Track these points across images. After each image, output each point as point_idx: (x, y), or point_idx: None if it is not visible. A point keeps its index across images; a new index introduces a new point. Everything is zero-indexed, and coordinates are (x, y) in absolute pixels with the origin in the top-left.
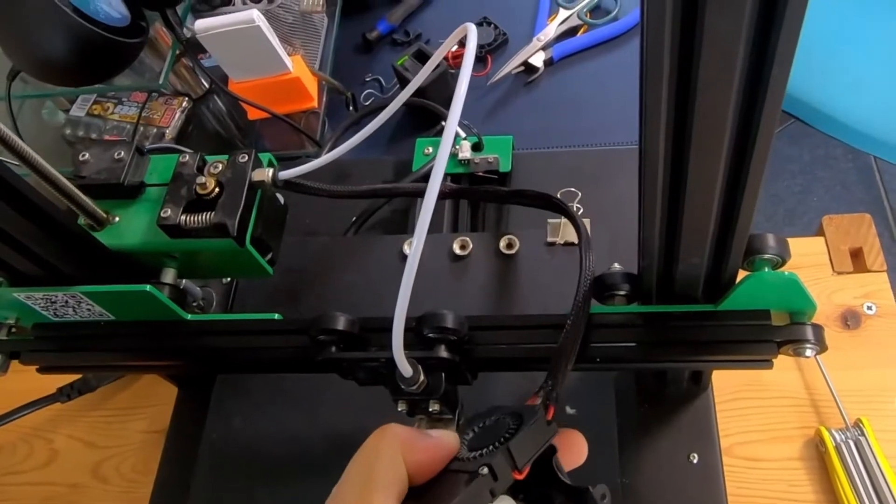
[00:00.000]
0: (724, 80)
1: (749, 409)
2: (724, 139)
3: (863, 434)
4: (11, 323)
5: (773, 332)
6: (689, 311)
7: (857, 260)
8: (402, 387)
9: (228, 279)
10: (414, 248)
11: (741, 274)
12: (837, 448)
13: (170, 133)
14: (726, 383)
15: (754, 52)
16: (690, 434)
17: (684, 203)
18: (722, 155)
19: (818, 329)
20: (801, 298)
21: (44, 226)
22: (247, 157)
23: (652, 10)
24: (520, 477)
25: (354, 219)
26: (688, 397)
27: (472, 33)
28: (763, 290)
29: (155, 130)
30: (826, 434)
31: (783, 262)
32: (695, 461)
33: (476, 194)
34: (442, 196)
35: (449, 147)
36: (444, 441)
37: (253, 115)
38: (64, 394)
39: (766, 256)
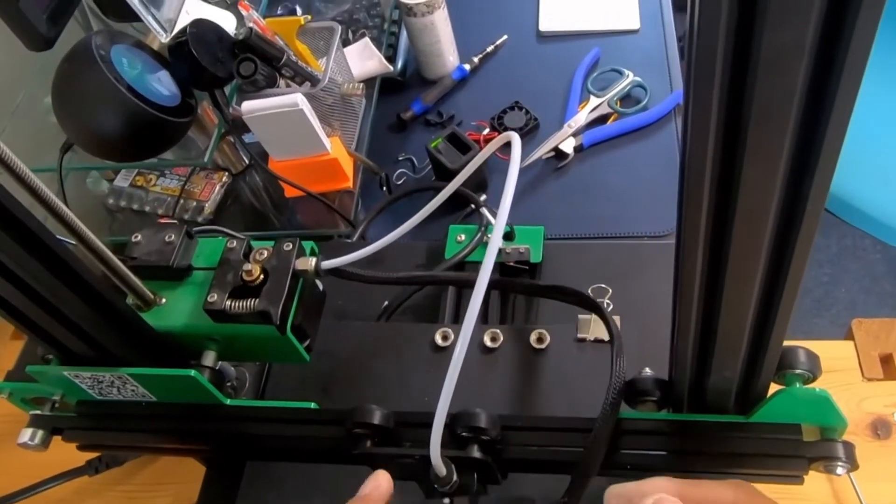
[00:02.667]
0: (765, 198)
1: None
2: (759, 265)
3: None
4: (56, 399)
5: (804, 448)
6: (721, 421)
7: (888, 366)
8: (436, 486)
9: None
10: (458, 350)
11: (773, 387)
12: None
13: (209, 207)
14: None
15: (795, 166)
16: None
17: (718, 320)
18: (756, 279)
19: (849, 447)
20: (833, 415)
21: (98, 307)
22: (291, 246)
23: (695, 138)
24: None
25: (386, 304)
26: None
27: (516, 143)
28: (794, 405)
29: (195, 204)
30: None
31: (814, 378)
32: None
33: (514, 287)
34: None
35: (496, 249)
36: None
37: (290, 193)
38: (92, 467)
39: (798, 372)
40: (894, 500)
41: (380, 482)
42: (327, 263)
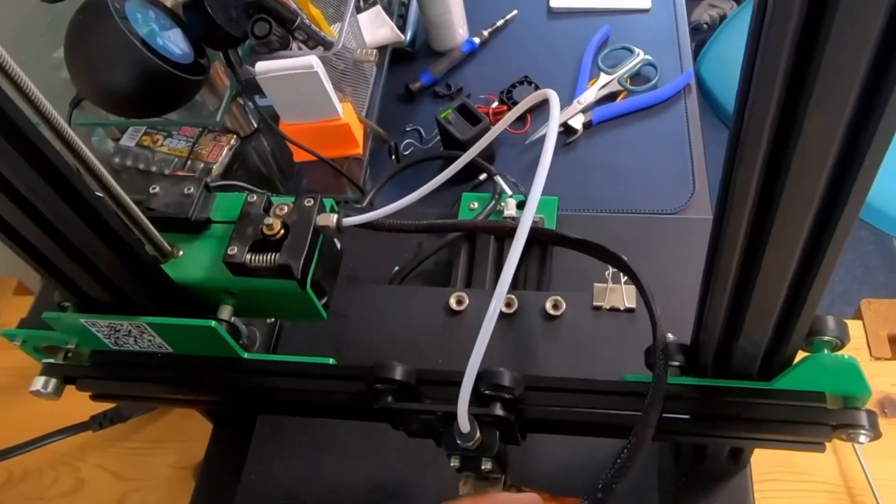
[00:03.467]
0: (816, 172)
1: (784, 491)
2: (804, 227)
3: None
4: (70, 348)
5: (828, 416)
6: (745, 387)
7: (895, 346)
8: (459, 442)
9: (272, 319)
10: (492, 309)
11: (798, 354)
12: None
13: (216, 169)
14: (761, 464)
15: (847, 144)
16: None
17: (756, 283)
18: (800, 241)
19: (872, 415)
20: (859, 383)
21: (121, 254)
22: (312, 202)
23: (756, 104)
24: None
25: (397, 269)
26: (726, 475)
27: (555, 100)
28: (820, 372)
29: (203, 165)
30: None
31: (842, 345)
32: None
33: (546, 236)
34: (506, 233)
35: (536, 201)
36: None
37: (299, 157)
38: (96, 422)
39: (826, 338)
40: None
41: None
42: (348, 220)
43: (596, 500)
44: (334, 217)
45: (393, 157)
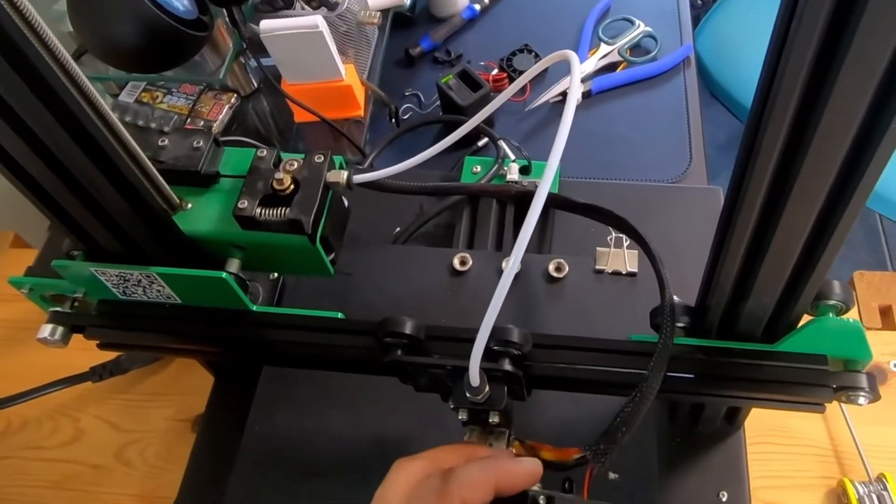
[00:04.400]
0: (841, 134)
1: (775, 454)
2: (824, 189)
3: (886, 489)
4: (77, 297)
5: (830, 378)
6: (749, 348)
7: (887, 317)
8: (468, 395)
9: (276, 275)
10: (512, 262)
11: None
12: (860, 501)
13: (217, 127)
14: (754, 426)
15: (874, 107)
16: (721, 472)
17: (770, 245)
18: (819, 204)
19: (872, 378)
20: (861, 347)
21: (134, 203)
22: (322, 158)
23: (792, 62)
24: None
25: (398, 230)
26: (721, 436)
27: (575, 61)
28: (824, 335)
29: (202, 123)
30: (850, 486)
31: (847, 310)
32: (724, 499)
33: (556, 201)
34: (513, 197)
35: (556, 164)
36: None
37: (299, 116)
38: (96, 373)
39: (832, 302)
40: (886, 441)
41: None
42: (358, 177)
43: (596, 451)
44: (344, 174)
45: (393, 120)
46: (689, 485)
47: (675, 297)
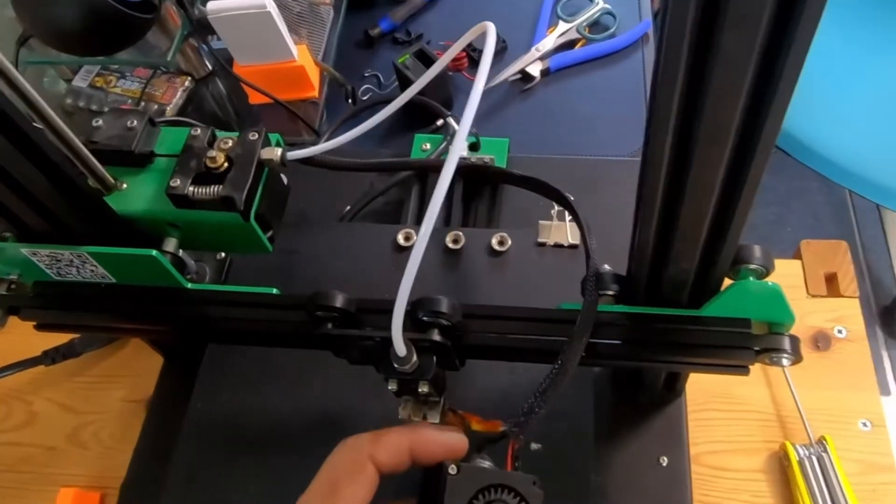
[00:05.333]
0: (733, 95)
1: (718, 420)
2: (725, 151)
3: (825, 451)
4: (13, 279)
5: (752, 340)
6: (674, 314)
7: (831, 285)
8: (396, 366)
9: (223, 255)
10: (423, 230)
11: (726, 282)
12: (801, 463)
13: (170, 111)
14: (698, 393)
15: (762, 70)
16: (662, 438)
17: (681, 210)
18: (722, 166)
19: (795, 340)
20: (782, 310)
21: (60, 184)
22: (257, 136)
23: (672, 29)
24: None
25: (348, 208)
26: (662, 402)
27: (492, 32)
28: (746, 299)
29: (156, 107)
30: (790, 449)
31: (767, 273)
32: (664, 464)
33: (488, 174)
34: (458, 172)
35: (465, 134)
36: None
37: (254, 98)
38: (49, 357)
39: (752, 266)
40: (828, 405)
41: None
42: (293, 154)
43: (518, 423)
44: (279, 150)
45: (350, 100)
46: (629, 451)
47: (605, 266)
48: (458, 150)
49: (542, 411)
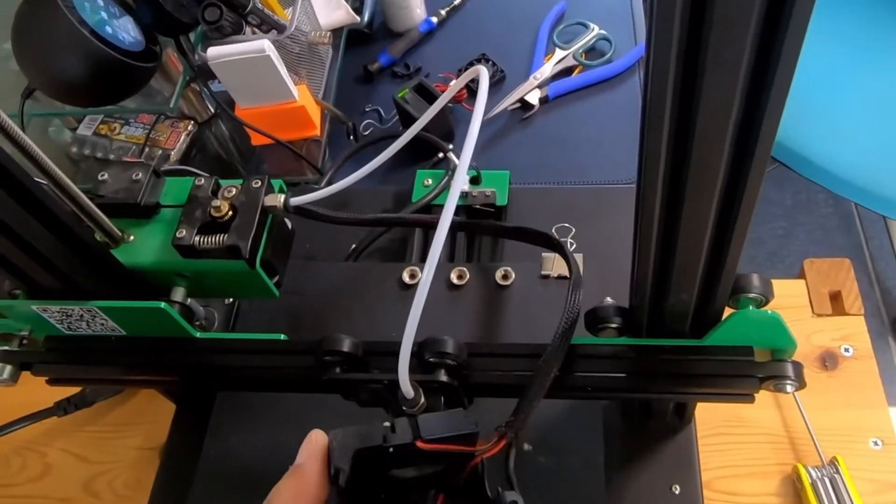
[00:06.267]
0: (719, 134)
1: (729, 444)
2: (716, 186)
3: (838, 472)
4: (24, 335)
5: (755, 368)
6: (677, 344)
7: (836, 303)
8: (404, 408)
9: (230, 300)
10: (424, 277)
11: (727, 312)
12: (813, 485)
13: (174, 155)
14: (708, 419)
15: (747, 108)
16: (673, 465)
17: (677, 243)
18: (714, 200)
19: (798, 366)
20: (783, 337)
21: (67, 241)
22: (260, 183)
23: (656, 72)
24: (422, 446)
25: (354, 246)
26: (671, 430)
27: (484, 77)
28: (747, 328)
29: (160, 152)
30: (803, 471)
31: (766, 302)
32: (676, 492)
33: (480, 228)
34: (451, 226)
35: (461, 186)
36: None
37: (256, 140)
38: (61, 408)
39: (751, 295)
40: (838, 425)
41: (312, 440)
42: (296, 200)
43: (509, 423)
44: (282, 197)
45: (352, 137)
46: (641, 480)
47: (608, 299)
48: (451, 208)
49: (528, 409)
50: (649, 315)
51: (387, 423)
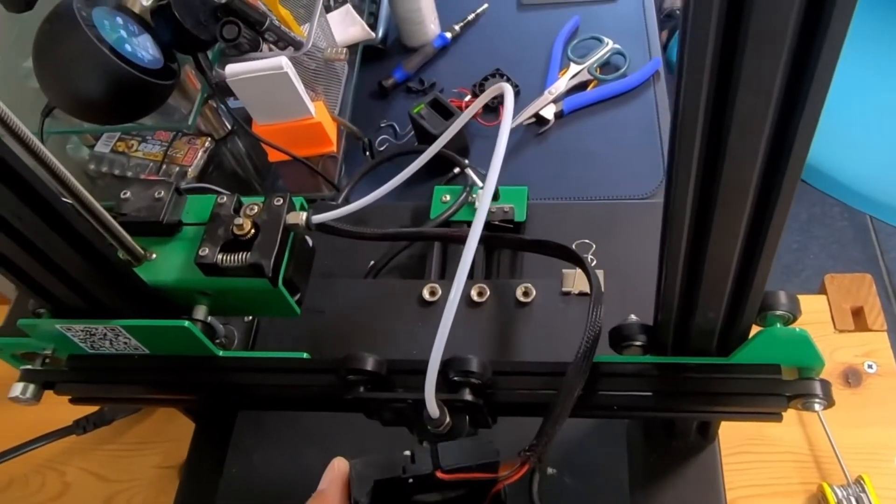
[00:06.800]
0: (750, 154)
1: (753, 463)
2: (746, 204)
3: (864, 491)
4: (47, 354)
5: (783, 386)
6: (704, 363)
7: (858, 319)
8: (429, 428)
9: (250, 317)
10: (452, 296)
11: (754, 329)
12: None
13: (192, 172)
14: (731, 437)
15: (779, 127)
16: (697, 485)
17: (705, 260)
18: (744, 218)
19: (826, 384)
20: (811, 354)
21: (92, 259)
22: (282, 201)
23: (689, 89)
24: (442, 476)
25: (372, 263)
26: (695, 449)
27: (509, 94)
28: (774, 345)
29: (178, 169)
30: (828, 490)
31: (794, 319)
32: None
33: (501, 241)
34: (465, 241)
35: (488, 202)
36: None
37: (273, 157)
38: (80, 426)
39: (779, 313)
40: (863, 443)
41: (334, 467)
42: (317, 217)
43: (531, 447)
44: (304, 215)
45: (367, 153)
46: (665, 500)
47: (632, 316)
48: (479, 226)
49: (552, 433)
50: (675, 333)
51: (407, 452)
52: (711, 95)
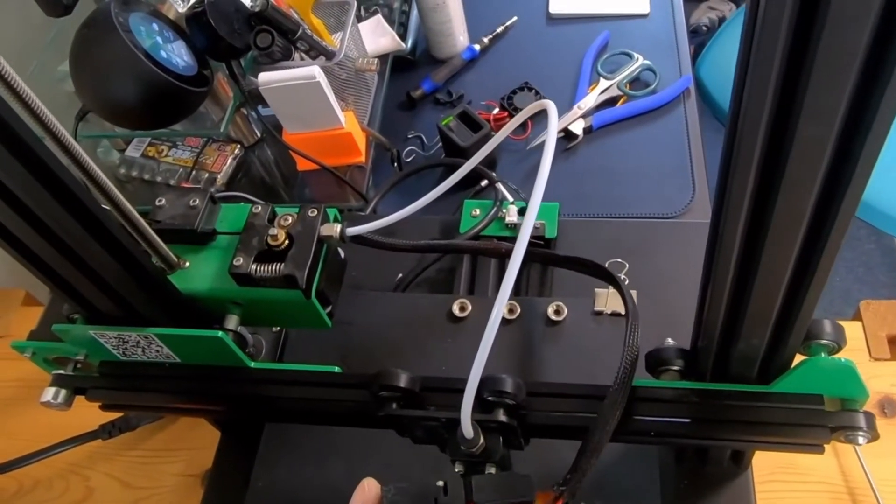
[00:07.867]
0: (808, 182)
1: (786, 492)
2: (799, 233)
3: None
4: (79, 359)
5: (826, 418)
6: (744, 390)
7: (895, 347)
8: (462, 448)
9: (278, 328)
10: (494, 315)
11: (797, 358)
12: None
13: (221, 178)
14: (763, 464)
15: (838, 156)
16: None
17: (753, 288)
18: (796, 246)
19: (870, 417)
20: (856, 386)
21: (128, 266)
22: (316, 212)
23: (748, 116)
24: None
25: (400, 276)
26: (728, 476)
27: (553, 112)
28: (818, 375)
29: (207, 175)
30: None
31: (839, 349)
32: None
33: (537, 257)
34: (502, 255)
35: (532, 221)
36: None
37: (302, 165)
38: (105, 431)
39: (823, 342)
40: None
41: (365, 488)
42: (352, 230)
43: (566, 480)
44: (338, 227)
45: (395, 164)
46: None
47: (669, 340)
48: (523, 244)
49: (587, 467)
50: (715, 359)
51: (440, 483)
52: (772, 121)
